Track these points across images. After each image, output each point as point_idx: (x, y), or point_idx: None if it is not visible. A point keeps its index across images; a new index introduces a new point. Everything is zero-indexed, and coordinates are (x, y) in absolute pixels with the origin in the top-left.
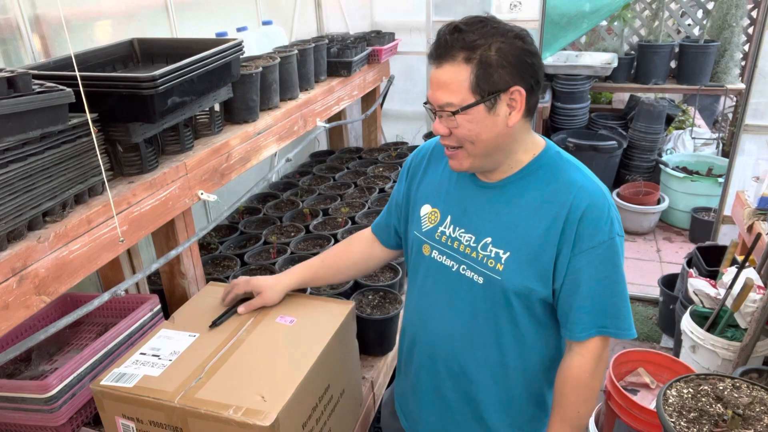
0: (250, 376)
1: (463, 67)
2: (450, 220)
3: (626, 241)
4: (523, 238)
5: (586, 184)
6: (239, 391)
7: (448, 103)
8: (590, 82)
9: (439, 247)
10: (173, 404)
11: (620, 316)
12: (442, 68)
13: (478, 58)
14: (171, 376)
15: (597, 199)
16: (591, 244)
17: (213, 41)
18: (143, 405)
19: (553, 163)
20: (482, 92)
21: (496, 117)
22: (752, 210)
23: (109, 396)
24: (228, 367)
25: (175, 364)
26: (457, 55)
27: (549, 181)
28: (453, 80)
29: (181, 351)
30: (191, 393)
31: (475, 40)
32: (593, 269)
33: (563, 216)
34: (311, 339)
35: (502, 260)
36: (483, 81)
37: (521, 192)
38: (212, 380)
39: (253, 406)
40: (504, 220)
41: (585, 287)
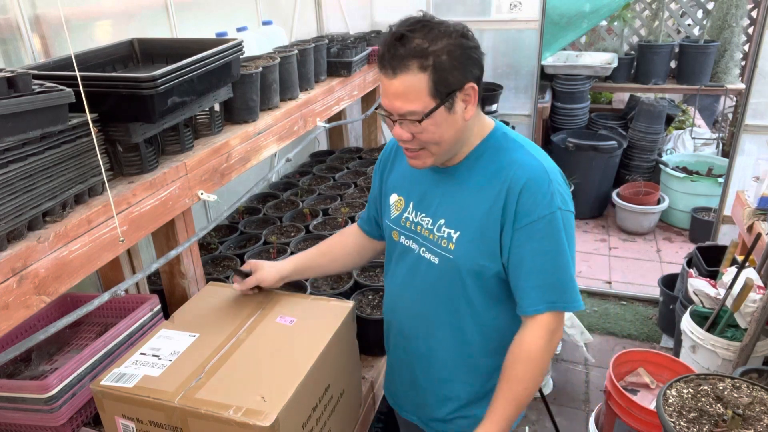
0: (250, 376)
1: (419, 75)
2: (412, 206)
3: (626, 241)
4: (470, 217)
5: (527, 160)
6: (239, 391)
7: (410, 111)
8: (590, 82)
9: (405, 232)
10: (173, 404)
11: (566, 289)
12: (398, 78)
13: (432, 63)
14: (171, 377)
15: (536, 174)
16: (531, 218)
17: (213, 41)
18: (143, 405)
19: (498, 144)
20: (441, 95)
21: (455, 115)
22: (752, 210)
23: (109, 396)
24: (228, 368)
25: (175, 365)
26: (411, 64)
27: (493, 161)
28: (411, 89)
29: (181, 351)
30: (191, 393)
31: (425, 46)
32: (535, 244)
33: (504, 192)
34: (311, 339)
35: (453, 239)
36: (440, 85)
37: (469, 174)
38: (212, 380)
39: (253, 406)
40: (455, 201)
41: (528, 262)
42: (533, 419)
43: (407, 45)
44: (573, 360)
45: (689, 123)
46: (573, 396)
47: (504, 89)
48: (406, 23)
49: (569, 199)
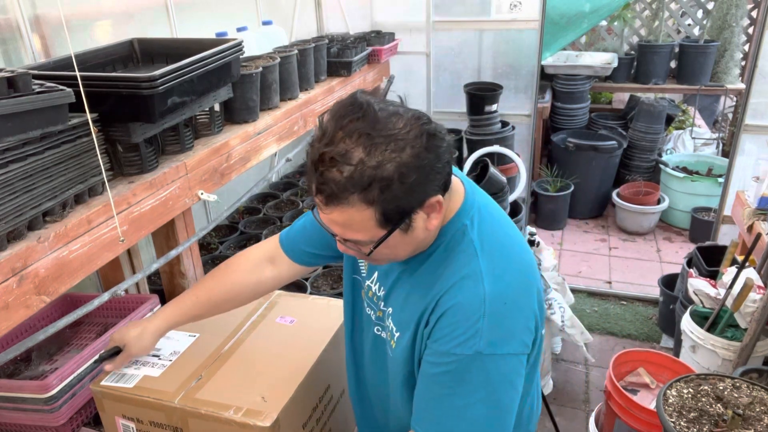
0: (250, 376)
1: (362, 210)
2: (377, 276)
3: (626, 241)
4: (408, 320)
5: (466, 283)
6: (239, 391)
7: (354, 240)
8: (590, 82)
9: (367, 299)
10: (173, 404)
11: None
12: (335, 212)
13: (379, 196)
14: (171, 377)
15: (467, 301)
16: (440, 347)
17: (213, 41)
18: (143, 405)
19: (451, 244)
20: (393, 221)
21: (414, 231)
22: (752, 210)
23: (109, 396)
24: (228, 368)
25: (176, 365)
26: (350, 198)
27: (439, 265)
28: (353, 222)
29: (181, 351)
30: (191, 393)
31: (367, 173)
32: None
33: (430, 308)
34: (311, 339)
35: (395, 338)
36: (392, 214)
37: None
38: (212, 380)
39: (253, 406)
40: (401, 296)
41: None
42: None
43: (343, 172)
44: (573, 360)
45: (689, 123)
46: (573, 396)
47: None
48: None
49: (511, 336)
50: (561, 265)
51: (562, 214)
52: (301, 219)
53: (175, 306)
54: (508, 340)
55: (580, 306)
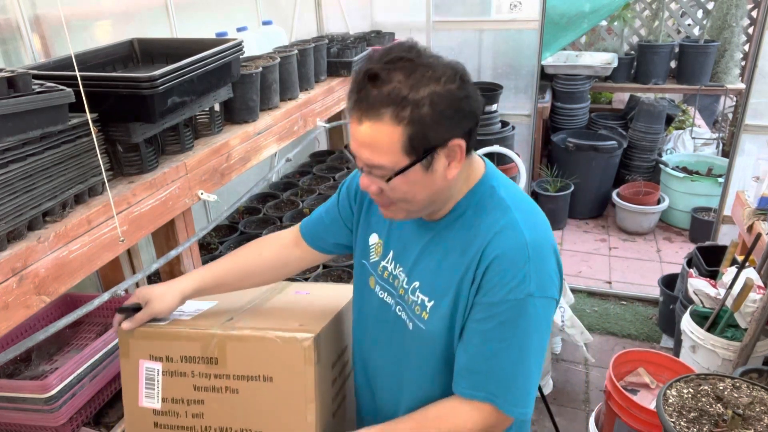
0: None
1: (392, 127)
2: (392, 256)
3: (626, 241)
4: (444, 285)
5: (508, 229)
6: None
7: (378, 165)
8: (590, 82)
9: (381, 282)
10: (212, 331)
11: (513, 387)
12: (366, 126)
13: (410, 116)
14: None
15: (512, 248)
16: (492, 298)
17: (213, 41)
18: (176, 338)
19: (482, 202)
20: (417, 152)
21: (433, 174)
22: (752, 210)
23: (138, 335)
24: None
25: (203, 314)
26: (383, 112)
27: (473, 223)
28: (381, 141)
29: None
30: (227, 327)
31: (403, 94)
32: (491, 326)
33: (476, 262)
34: (330, 301)
35: (428, 309)
36: (417, 141)
37: (449, 234)
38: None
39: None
40: (431, 265)
41: (477, 343)
42: (533, 419)
43: (382, 88)
44: (573, 360)
45: (689, 123)
46: (573, 396)
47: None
48: (388, 57)
49: (551, 283)
50: None
51: (562, 214)
52: (321, 207)
53: (205, 269)
54: (550, 285)
55: (580, 306)
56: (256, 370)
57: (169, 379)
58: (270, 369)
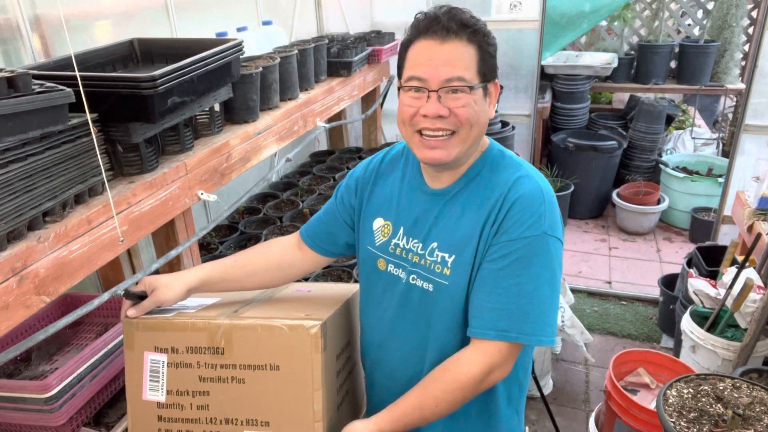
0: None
1: (469, 46)
2: (403, 231)
3: (626, 241)
4: (465, 239)
5: (523, 180)
6: (281, 313)
7: (459, 77)
8: (590, 82)
9: (393, 260)
10: (218, 321)
11: (525, 320)
12: (449, 44)
13: (479, 41)
14: (206, 311)
15: (530, 192)
16: (511, 236)
17: (213, 41)
18: (183, 329)
19: (495, 162)
20: (482, 76)
21: (486, 104)
22: (752, 210)
23: (142, 326)
24: (262, 305)
25: (207, 308)
26: (462, 33)
27: (490, 179)
28: (462, 57)
29: (208, 303)
30: (234, 316)
31: (475, 21)
32: (506, 263)
33: (497, 208)
34: (333, 297)
35: (449, 264)
36: (484, 65)
37: (465, 194)
38: (251, 311)
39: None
40: (448, 224)
41: (491, 280)
42: (533, 419)
43: (459, 16)
44: (573, 360)
45: (689, 123)
46: (573, 396)
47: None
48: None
49: (559, 227)
50: None
51: (562, 214)
52: (320, 211)
53: (212, 264)
54: (559, 228)
55: (580, 306)
56: (263, 358)
57: (174, 370)
58: (277, 357)
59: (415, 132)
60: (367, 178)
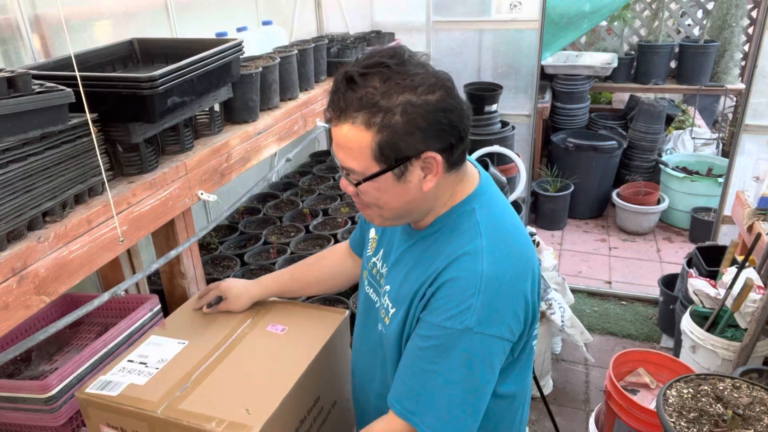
0: (236, 387)
1: (362, 131)
2: (382, 254)
3: (626, 241)
4: (404, 297)
5: (465, 260)
6: (224, 402)
7: (349, 168)
8: (590, 82)
9: (369, 277)
10: (156, 415)
11: (430, 412)
12: (339, 127)
13: (380, 123)
14: (156, 385)
15: (464, 277)
16: (433, 319)
17: (213, 41)
18: (127, 414)
19: (457, 223)
20: (387, 160)
21: (407, 184)
22: (752, 210)
23: (93, 404)
24: (215, 377)
25: (162, 372)
26: (356, 116)
27: (442, 243)
28: (353, 144)
29: (168, 359)
30: (175, 403)
31: (375, 100)
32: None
33: (428, 282)
34: (301, 349)
35: (390, 314)
36: (387, 149)
37: (423, 247)
38: (197, 390)
39: (236, 419)
40: (401, 273)
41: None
42: (533, 419)
43: (357, 92)
44: (573, 360)
45: (689, 123)
46: (573, 396)
47: (504, 89)
48: (368, 61)
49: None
50: (561, 265)
51: (562, 214)
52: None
53: (273, 279)
54: (497, 322)
55: (580, 306)
56: None
57: None
58: None
59: None
60: None
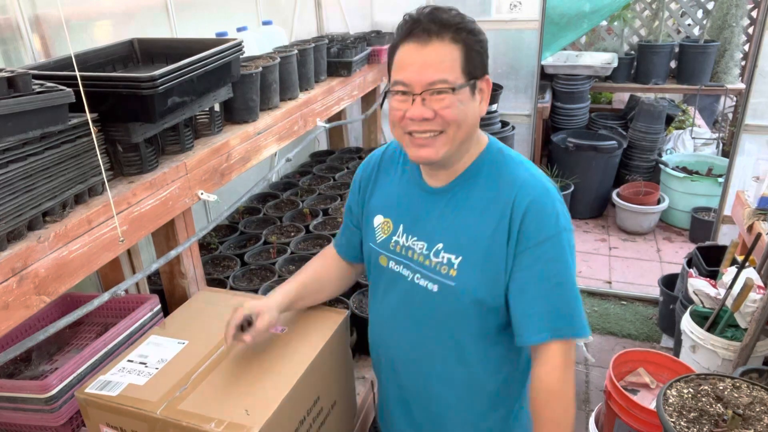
0: (235, 387)
1: (452, 46)
2: (402, 229)
3: (626, 241)
4: (472, 240)
5: (529, 180)
6: (223, 403)
7: (442, 79)
8: (590, 82)
9: (394, 257)
10: (155, 415)
11: (573, 315)
12: (431, 46)
13: (463, 40)
14: (155, 386)
15: (540, 194)
16: (536, 240)
17: (213, 41)
18: (126, 415)
19: (496, 161)
20: (468, 75)
21: (475, 103)
22: (752, 210)
23: (93, 404)
24: (214, 378)
25: (162, 373)
26: (445, 34)
27: (493, 180)
28: (445, 59)
29: (168, 359)
30: (174, 404)
31: (458, 20)
32: (540, 267)
33: (508, 214)
34: (301, 350)
35: (455, 265)
36: (469, 63)
37: (468, 194)
38: (197, 391)
39: (235, 419)
40: (453, 224)
41: (533, 287)
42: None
43: (440, 16)
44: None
45: (689, 123)
46: None
47: (504, 89)
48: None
49: (568, 215)
50: None
51: None
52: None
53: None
54: (569, 221)
55: None
56: None
57: None
58: None
59: (405, 133)
60: (368, 177)
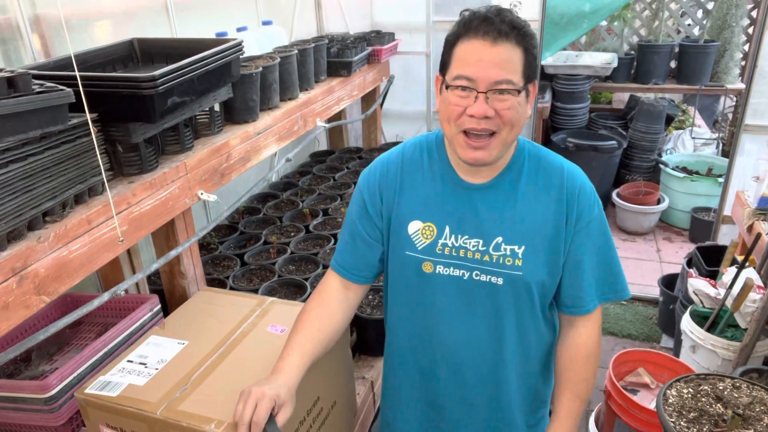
0: (235, 388)
1: (517, 48)
2: (449, 231)
3: (626, 241)
4: (533, 229)
5: (569, 167)
6: (223, 404)
7: (508, 80)
8: (590, 82)
9: (443, 260)
10: (155, 416)
11: (617, 280)
12: (501, 46)
13: (525, 44)
14: (155, 386)
15: (583, 179)
16: (588, 219)
17: (213, 41)
18: (126, 415)
19: (533, 154)
20: (527, 78)
21: (527, 106)
22: (752, 210)
23: (93, 405)
24: (214, 378)
25: (161, 373)
26: (511, 35)
27: (536, 170)
28: (512, 60)
29: (168, 359)
30: (174, 405)
31: (522, 23)
32: (591, 242)
33: (564, 198)
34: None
35: (519, 255)
36: (528, 67)
37: (514, 186)
38: (196, 392)
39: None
40: (508, 216)
41: (587, 261)
42: None
43: (509, 17)
44: None
45: (689, 123)
46: None
47: None
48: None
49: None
50: None
51: None
52: (342, 238)
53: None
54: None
55: None
56: None
57: None
58: None
59: (460, 132)
60: (391, 183)
